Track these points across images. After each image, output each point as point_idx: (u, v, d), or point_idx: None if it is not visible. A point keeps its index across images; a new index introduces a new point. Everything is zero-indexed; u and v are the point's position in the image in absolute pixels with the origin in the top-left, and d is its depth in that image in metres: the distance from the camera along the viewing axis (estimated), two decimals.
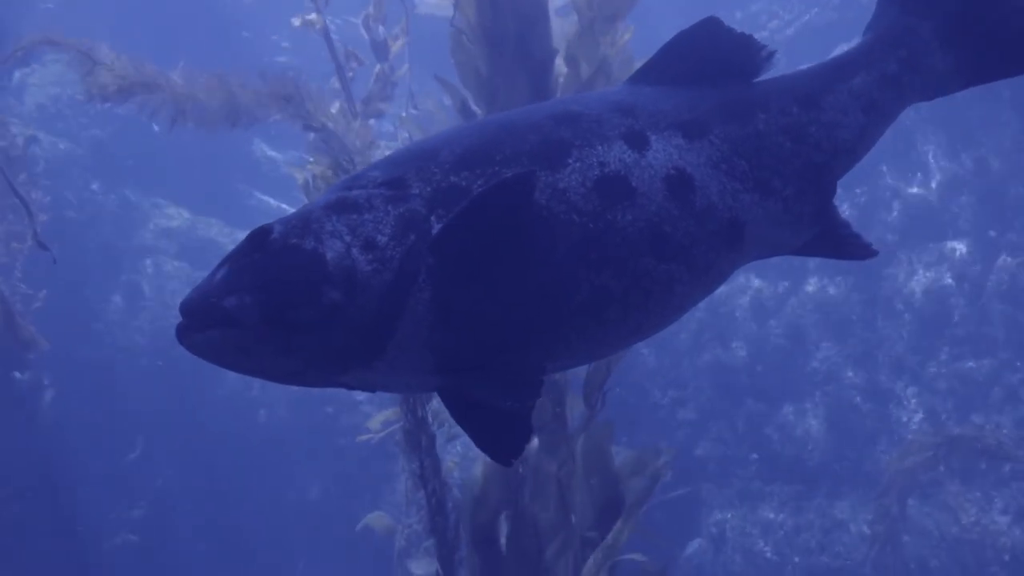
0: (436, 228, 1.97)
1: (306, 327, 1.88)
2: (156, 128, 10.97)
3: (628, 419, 8.34)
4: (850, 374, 9.14)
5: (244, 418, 9.79)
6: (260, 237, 1.94)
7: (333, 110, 3.80)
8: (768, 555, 8.78)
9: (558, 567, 4.35)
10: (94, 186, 10.74)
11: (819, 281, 9.61)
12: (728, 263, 2.26)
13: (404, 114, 5.59)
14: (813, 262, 9.66)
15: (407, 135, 5.10)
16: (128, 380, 9.09)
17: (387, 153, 5.03)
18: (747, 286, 9.63)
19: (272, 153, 12.37)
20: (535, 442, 4.45)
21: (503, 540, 4.47)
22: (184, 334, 1.88)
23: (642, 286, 2.10)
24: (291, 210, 2.57)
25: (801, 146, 2.36)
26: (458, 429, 7.10)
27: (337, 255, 1.91)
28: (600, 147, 2.13)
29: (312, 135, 4.15)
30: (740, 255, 2.29)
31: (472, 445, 4.82)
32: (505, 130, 2.14)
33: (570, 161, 2.09)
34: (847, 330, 9.35)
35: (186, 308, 1.89)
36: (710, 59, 2.38)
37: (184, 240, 10.78)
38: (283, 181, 11.74)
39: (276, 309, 1.86)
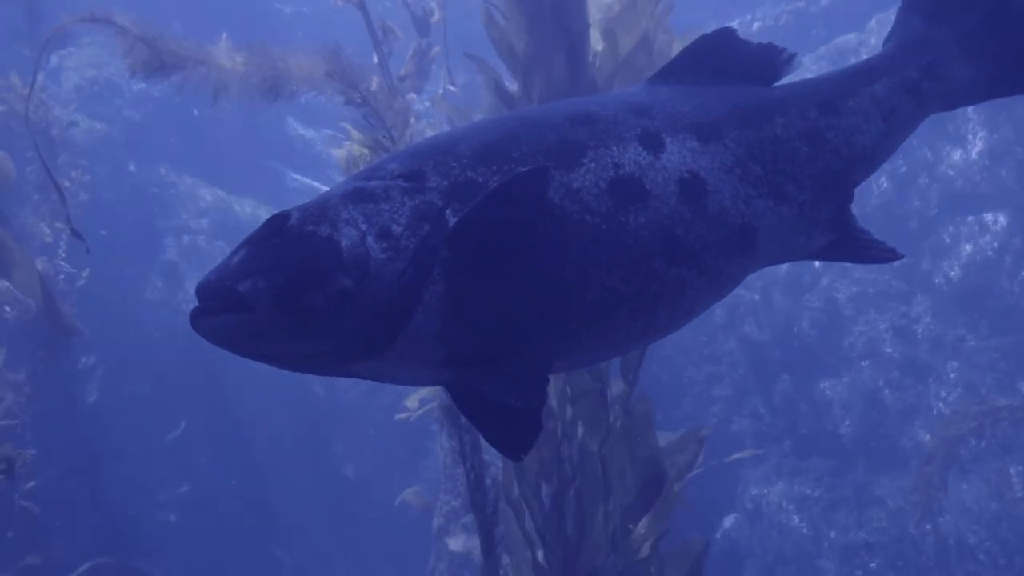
0: (451, 221, 1.98)
1: (317, 313, 1.88)
2: (196, 112, 11.09)
3: (663, 395, 8.34)
4: (888, 349, 9.05)
5: (282, 396, 9.90)
6: (278, 222, 1.96)
7: (372, 86, 3.80)
8: (804, 531, 8.77)
9: (599, 543, 4.38)
10: (132, 167, 10.86)
11: None
12: (740, 268, 2.26)
13: (441, 91, 5.59)
14: None
15: (444, 114, 5.10)
16: (168, 359, 9.21)
17: (427, 131, 5.05)
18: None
19: (306, 132, 12.42)
20: (578, 423, 4.47)
21: (543, 516, 4.50)
22: (197, 319, 1.89)
23: (652, 289, 2.11)
24: (325, 188, 2.59)
25: (819, 151, 2.35)
26: None
27: (352, 243, 1.92)
28: (615, 148, 2.13)
29: (352, 111, 4.16)
30: (752, 261, 2.28)
31: None
32: (523, 127, 2.15)
33: (585, 161, 2.10)
34: (885, 304, 9.25)
35: (202, 290, 1.90)
36: (730, 62, 2.37)
37: (221, 219, 10.88)
38: (317, 159, 11.81)
39: (288, 294, 1.87)
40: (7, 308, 6.73)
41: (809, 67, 10.65)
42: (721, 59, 2.37)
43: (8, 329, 7.25)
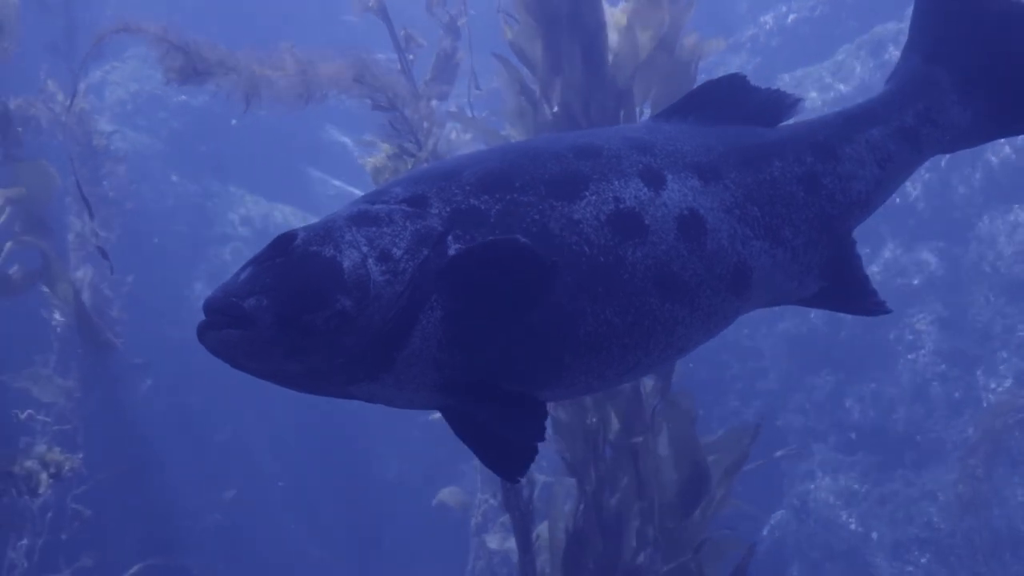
0: (452, 247, 2.01)
1: (317, 332, 1.91)
2: (234, 122, 11.26)
3: (703, 392, 8.27)
4: (934, 341, 8.88)
5: (325, 400, 10.01)
6: (284, 242, 1.99)
7: (398, 92, 3.83)
8: (852, 526, 8.64)
9: (638, 542, 4.36)
10: (174, 177, 11.08)
11: (900, 247, 9.35)
12: (732, 309, 2.27)
13: (467, 96, 5.60)
14: (889, 228, 9.40)
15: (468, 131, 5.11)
16: (214, 363, 9.35)
17: (452, 134, 5.07)
18: None
19: (342, 138, 12.55)
20: (614, 419, 4.46)
21: (580, 514, 4.50)
22: (204, 333, 1.94)
23: (645, 324, 2.11)
24: (360, 193, 2.62)
25: (814, 196, 2.35)
26: None
27: (353, 264, 1.95)
28: (617, 182, 2.15)
29: (381, 116, 4.20)
30: (745, 302, 2.28)
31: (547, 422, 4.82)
32: (527, 157, 2.17)
33: (587, 194, 2.11)
34: (931, 296, 9.08)
35: (209, 305, 1.94)
36: (735, 106, 2.39)
37: (261, 227, 11.05)
38: (354, 165, 11.91)
39: (289, 312, 1.90)
40: (56, 315, 6.91)
41: (847, 60, 10.50)
42: (726, 102, 2.40)
43: (57, 335, 7.43)
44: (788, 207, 2.31)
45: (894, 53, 9.65)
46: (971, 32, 2.50)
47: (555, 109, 3.94)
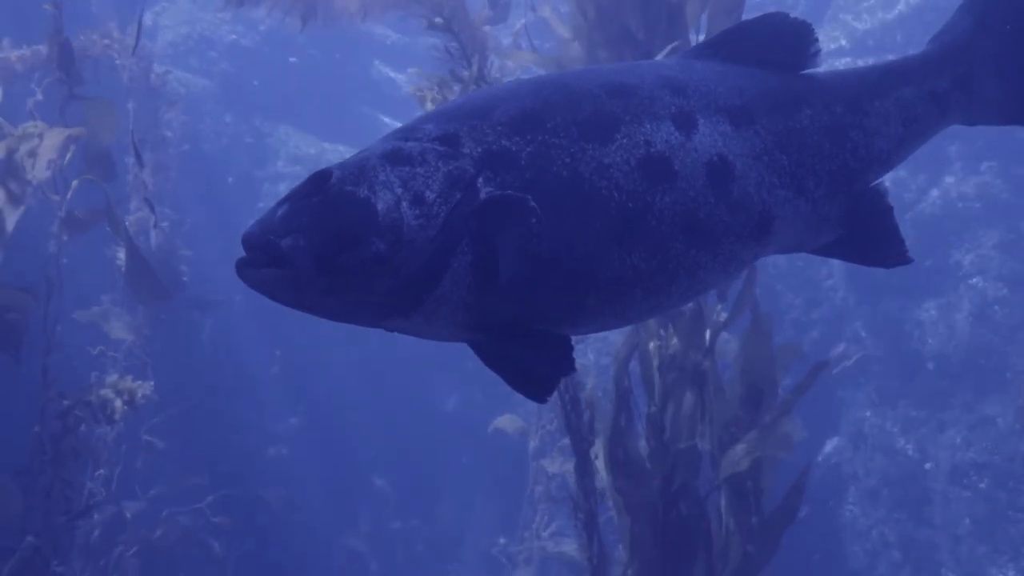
0: (483, 190, 2.02)
1: (351, 273, 1.96)
2: (292, 60, 11.28)
3: None
4: (996, 264, 8.70)
5: (382, 332, 10.18)
6: (320, 180, 2.02)
7: (454, 13, 3.82)
8: (910, 452, 8.61)
9: (698, 460, 4.42)
10: (227, 118, 11.20)
11: (961, 170, 9.11)
12: (752, 255, 2.27)
13: (523, 21, 5.56)
14: (955, 150, 9.15)
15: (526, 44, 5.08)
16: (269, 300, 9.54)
17: (507, 62, 5.04)
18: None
19: (392, 74, 12.53)
20: (674, 339, 4.50)
21: (641, 435, 4.57)
22: (242, 270, 1.99)
23: (668, 269, 2.12)
24: None
25: (839, 149, 2.33)
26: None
27: (387, 207, 1.98)
28: (648, 125, 2.14)
29: (431, 48, 4.19)
30: (764, 248, 2.28)
31: (605, 347, 4.88)
32: (560, 94, 2.16)
33: (618, 137, 2.11)
34: (993, 219, 8.86)
35: (247, 241, 1.99)
36: (769, 46, 2.36)
37: (314, 166, 11.14)
38: (403, 101, 11.92)
39: (326, 253, 1.94)
40: (120, 255, 7.10)
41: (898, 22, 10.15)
42: (762, 43, 2.37)
43: (122, 274, 7.63)
44: (814, 157, 2.30)
45: None
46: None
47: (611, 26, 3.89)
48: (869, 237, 2.40)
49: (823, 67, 2.46)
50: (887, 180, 2.49)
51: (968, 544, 8.23)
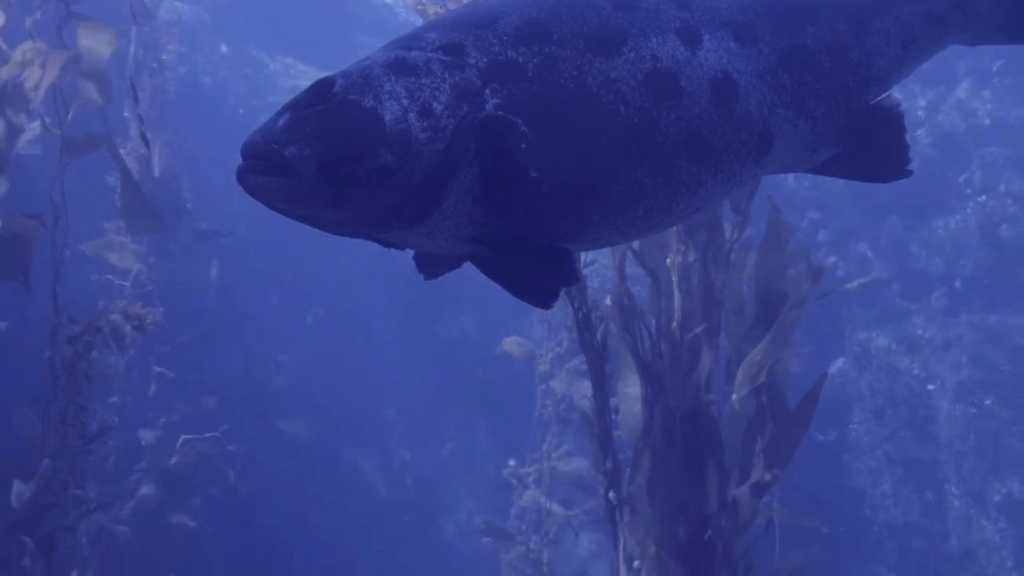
0: (490, 102, 1.98)
1: (357, 185, 1.91)
2: None
3: None
4: (1006, 181, 8.64)
5: (382, 262, 10.17)
6: (323, 88, 1.95)
7: None
8: (915, 371, 8.67)
9: (709, 369, 4.43)
10: (223, 49, 11.01)
11: (972, 86, 8.99)
12: (750, 174, 2.26)
13: None
14: (964, 66, 9.02)
15: None
16: (271, 229, 9.49)
17: None
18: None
19: (391, 0, 12.30)
20: (691, 255, 4.48)
21: (650, 345, 4.58)
22: (244, 176, 1.92)
23: (671, 186, 2.11)
24: None
25: (840, 68, 2.31)
26: (597, 251, 7.12)
27: (394, 118, 1.92)
28: (655, 39, 2.11)
29: None
30: (762, 168, 2.27)
31: (614, 263, 4.82)
32: (564, 5, 2.10)
33: (624, 50, 2.07)
34: (1005, 135, 8.78)
35: (249, 150, 1.92)
36: None
37: None
38: (403, 27, 11.71)
39: (332, 164, 1.89)
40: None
41: None
42: None
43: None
44: (815, 76, 2.28)
45: None
46: None
47: None
48: (867, 154, 2.39)
49: None
50: (896, 94, 2.47)
51: (971, 461, 8.35)
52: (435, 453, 10.56)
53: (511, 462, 8.12)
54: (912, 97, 9.16)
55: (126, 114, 7.18)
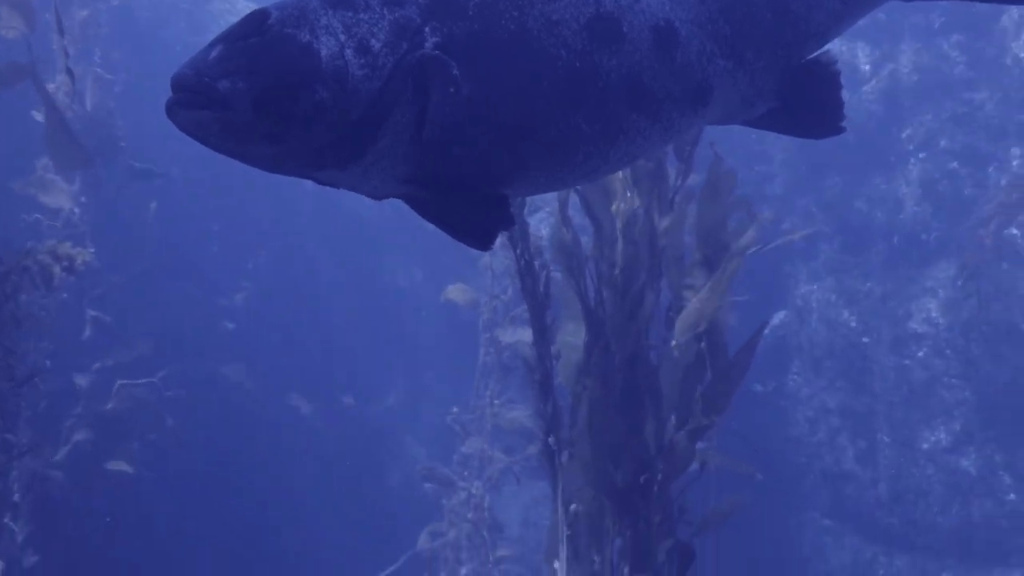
0: (429, 40, 1.94)
1: (291, 121, 1.87)
2: None
3: None
4: (947, 139, 8.76)
5: (331, 212, 10.02)
6: (257, 21, 1.90)
7: None
8: (853, 324, 8.83)
9: (650, 316, 4.44)
10: None
11: (917, 43, 9.05)
12: (687, 124, 2.26)
13: None
14: (910, 23, 9.07)
15: None
16: (213, 167, 9.27)
17: None
18: (837, 53, 9.14)
19: None
20: (636, 201, 4.46)
21: (592, 294, 4.57)
22: (175, 110, 1.86)
23: (609, 133, 2.10)
24: None
25: (780, 21, 2.31)
26: (541, 200, 7.04)
27: (331, 54, 1.88)
28: None
29: None
30: (700, 119, 2.27)
31: (558, 208, 4.77)
32: None
33: None
34: (947, 93, 8.88)
35: (179, 83, 1.85)
36: None
37: None
38: None
39: (266, 99, 1.85)
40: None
41: None
42: None
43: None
44: (756, 29, 2.28)
45: None
46: None
47: None
48: (803, 109, 2.40)
49: None
50: (834, 50, 2.46)
51: (903, 410, 8.58)
52: (382, 401, 10.53)
53: (454, 409, 8.13)
54: (856, 55, 9.20)
55: (55, 47, 6.87)
